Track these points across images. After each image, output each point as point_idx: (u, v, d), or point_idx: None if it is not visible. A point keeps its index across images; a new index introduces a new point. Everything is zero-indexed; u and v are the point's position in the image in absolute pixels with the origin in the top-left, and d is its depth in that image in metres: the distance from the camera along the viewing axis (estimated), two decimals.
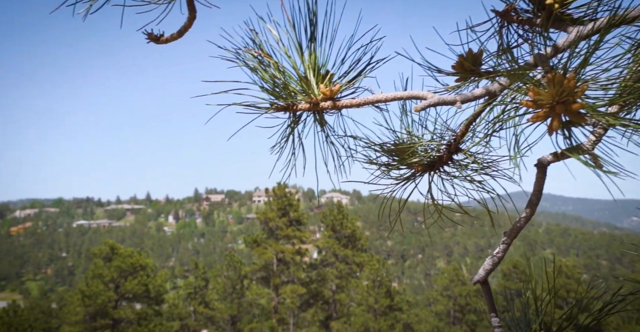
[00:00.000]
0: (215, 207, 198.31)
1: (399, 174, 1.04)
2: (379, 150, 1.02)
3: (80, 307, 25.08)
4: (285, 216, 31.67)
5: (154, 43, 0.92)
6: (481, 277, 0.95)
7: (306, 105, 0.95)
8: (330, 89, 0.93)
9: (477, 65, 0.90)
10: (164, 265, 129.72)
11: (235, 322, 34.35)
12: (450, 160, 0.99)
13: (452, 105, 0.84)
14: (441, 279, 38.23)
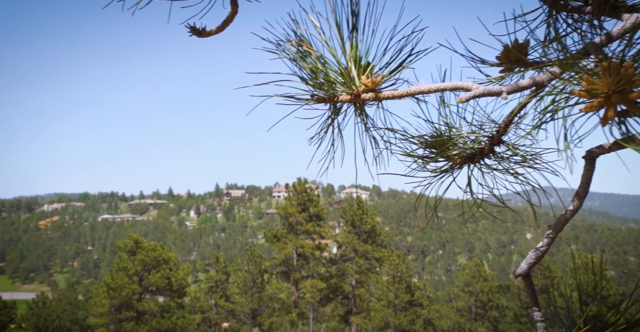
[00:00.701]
0: (236, 202, 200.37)
1: (435, 167, 1.03)
2: (416, 142, 1.01)
3: (105, 299, 25.71)
4: (305, 211, 31.77)
5: (197, 36, 0.93)
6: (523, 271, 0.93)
7: (347, 97, 0.94)
8: (372, 80, 0.92)
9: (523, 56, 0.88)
10: (186, 259, 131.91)
11: (255, 316, 34.74)
12: (491, 152, 0.97)
13: (497, 96, 0.82)
14: (462, 275, 37.85)
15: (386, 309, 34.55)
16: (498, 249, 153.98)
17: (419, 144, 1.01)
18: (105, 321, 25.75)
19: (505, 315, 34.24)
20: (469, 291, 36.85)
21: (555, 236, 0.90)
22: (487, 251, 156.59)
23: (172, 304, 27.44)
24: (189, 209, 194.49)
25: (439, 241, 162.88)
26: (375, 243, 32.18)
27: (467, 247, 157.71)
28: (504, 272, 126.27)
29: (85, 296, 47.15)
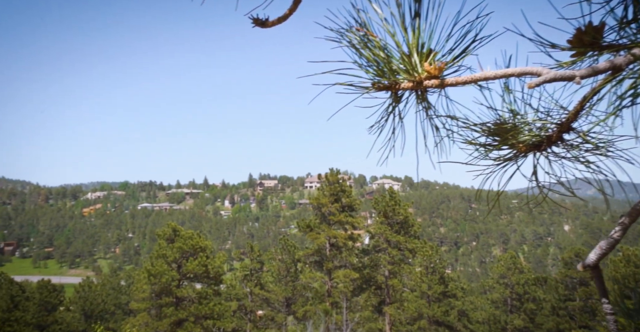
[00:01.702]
0: (269, 193, 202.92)
1: (498, 155, 1.00)
2: (478, 130, 0.98)
3: (146, 285, 26.65)
4: (338, 201, 31.83)
5: (260, 27, 0.93)
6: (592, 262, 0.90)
7: (409, 84, 0.93)
8: (435, 67, 0.91)
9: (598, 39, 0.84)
10: (221, 247, 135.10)
11: (289, 304, 35.28)
12: (559, 140, 0.94)
13: (569, 81, 0.79)
14: (497, 266, 37.15)
15: (419, 299, 34.38)
16: (534, 241, 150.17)
17: (482, 131, 0.98)
18: (147, 305, 26.73)
19: (542, 307, 33.45)
20: (504, 283, 36.19)
21: (629, 225, 0.86)
22: (522, 242, 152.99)
23: (209, 291, 28.17)
24: (223, 198, 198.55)
25: (472, 232, 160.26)
26: (408, 234, 31.95)
27: (501, 239, 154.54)
28: (541, 265, 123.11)
29: (127, 282, 49.09)
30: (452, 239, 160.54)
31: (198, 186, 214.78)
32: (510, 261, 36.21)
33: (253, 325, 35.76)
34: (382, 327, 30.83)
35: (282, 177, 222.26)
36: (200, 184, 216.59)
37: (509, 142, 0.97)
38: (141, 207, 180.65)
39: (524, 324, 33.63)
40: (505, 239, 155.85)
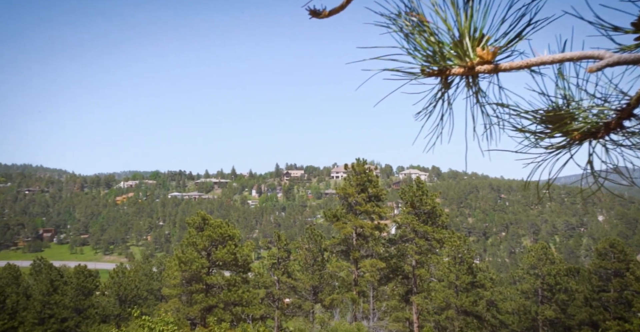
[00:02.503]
0: (295, 182, 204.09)
1: (550, 143, 0.97)
2: (530, 117, 0.95)
3: (177, 271, 27.38)
4: (364, 191, 31.74)
5: (316, 18, 0.93)
6: None
7: (460, 70, 0.90)
8: (488, 51, 0.88)
9: None
10: (249, 236, 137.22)
11: (316, 293, 35.62)
12: (619, 126, 0.90)
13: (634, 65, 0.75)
14: (528, 257, 36.48)
15: (447, 289, 34.16)
16: (566, 232, 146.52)
17: (533, 119, 0.95)
18: (178, 292, 27.47)
19: (574, 298, 32.75)
20: (534, 274, 35.56)
21: None
22: (554, 233, 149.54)
23: (237, 278, 28.71)
24: (250, 188, 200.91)
25: (502, 222, 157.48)
26: (435, 224, 31.64)
27: (532, 229, 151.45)
28: (573, 255, 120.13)
29: (159, 268, 50.48)
30: (481, 230, 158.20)
31: (226, 176, 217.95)
32: (541, 251, 35.49)
33: (281, 312, 36.33)
34: (410, 317, 30.80)
35: (309, 167, 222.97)
36: (228, 174, 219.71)
37: (562, 130, 0.93)
38: (171, 196, 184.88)
39: (555, 315, 33.02)
40: (536, 229, 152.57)
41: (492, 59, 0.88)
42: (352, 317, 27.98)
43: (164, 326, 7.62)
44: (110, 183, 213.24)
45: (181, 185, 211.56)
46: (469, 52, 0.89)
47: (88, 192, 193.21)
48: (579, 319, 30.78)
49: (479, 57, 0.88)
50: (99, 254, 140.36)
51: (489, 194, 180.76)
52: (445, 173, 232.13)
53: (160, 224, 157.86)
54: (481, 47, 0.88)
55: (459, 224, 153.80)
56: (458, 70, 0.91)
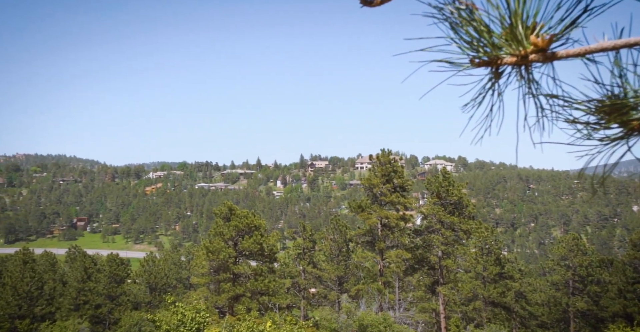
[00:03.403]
0: (320, 173, 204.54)
1: (604, 135, 0.93)
2: (583, 108, 0.91)
3: (205, 261, 27.93)
4: (389, 182, 31.54)
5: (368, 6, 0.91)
6: None
7: (512, 59, 0.87)
8: (543, 39, 0.84)
9: None
10: (274, 227, 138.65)
11: (342, 283, 35.82)
12: None
13: None
14: (558, 248, 35.64)
15: (474, 280, 33.82)
16: (599, 223, 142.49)
17: (587, 109, 0.91)
18: (206, 281, 28.05)
19: (607, 290, 31.90)
20: (565, 265, 34.78)
21: None
22: (585, 224, 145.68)
23: (264, 268, 29.08)
24: (275, 179, 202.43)
25: (530, 213, 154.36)
26: (462, 215, 31.22)
27: (562, 220, 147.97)
28: (606, 247, 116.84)
29: (187, 257, 51.69)
30: (509, 220, 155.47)
31: (251, 167, 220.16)
32: (572, 242, 34.64)
33: (307, 302, 36.72)
34: (436, 307, 30.65)
35: (333, 158, 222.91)
36: (254, 165, 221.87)
37: (619, 120, 0.89)
38: (198, 186, 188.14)
39: (587, 306, 32.30)
40: (567, 220, 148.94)
41: (547, 47, 0.84)
42: (378, 308, 28.03)
43: (196, 313, 7.81)
44: (139, 174, 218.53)
45: (208, 176, 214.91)
46: (522, 40, 0.85)
47: (119, 183, 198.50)
48: (613, 311, 30.00)
49: (533, 45, 0.84)
50: (129, 243, 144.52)
51: (517, 185, 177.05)
52: (472, 163, 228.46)
53: (188, 214, 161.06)
54: (535, 35, 0.85)
55: (486, 215, 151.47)
56: (510, 59, 0.87)
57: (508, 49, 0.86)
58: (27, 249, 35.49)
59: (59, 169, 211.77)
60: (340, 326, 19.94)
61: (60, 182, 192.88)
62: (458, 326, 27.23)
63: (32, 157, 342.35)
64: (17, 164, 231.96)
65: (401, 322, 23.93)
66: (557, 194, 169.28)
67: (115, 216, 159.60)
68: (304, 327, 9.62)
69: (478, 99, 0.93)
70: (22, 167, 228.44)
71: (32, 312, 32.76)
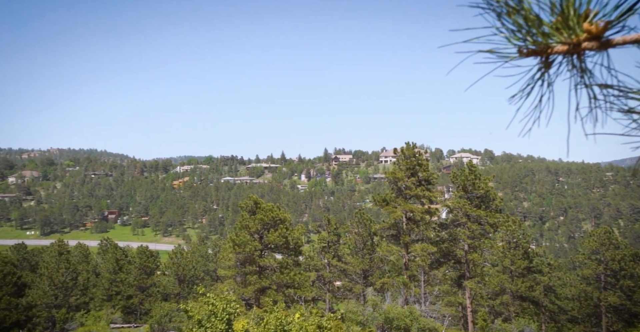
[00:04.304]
0: (344, 167, 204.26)
1: None
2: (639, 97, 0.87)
3: (232, 253, 28.35)
4: (414, 175, 31.25)
5: None
6: None
7: (564, 47, 0.84)
8: (597, 26, 0.81)
9: None
10: (298, 220, 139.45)
11: (367, 276, 35.82)
12: None
13: None
14: (589, 242, 34.66)
15: (502, 274, 33.28)
16: (632, 216, 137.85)
17: None
18: (233, 273, 28.48)
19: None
20: (597, 259, 33.84)
21: None
22: (617, 217, 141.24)
23: (289, 261, 29.34)
24: (300, 172, 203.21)
25: (560, 206, 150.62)
26: (488, 208, 30.71)
27: (593, 213, 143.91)
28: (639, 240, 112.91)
29: (214, 250, 52.51)
30: (537, 214, 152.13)
31: (276, 161, 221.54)
32: (604, 235, 33.64)
33: (332, 295, 36.90)
34: (463, 301, 30.36)
35: (357, 152, 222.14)
36: (278, 159, 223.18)
37: None
38: (224, 180, 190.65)
39: (620, 301, 31.41)
40: (598, 213, 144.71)
41: (601, 34, 0.81)
42: (403, 301, 27.95)
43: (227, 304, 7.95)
44: (167, 167, 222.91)
45: (233, 170, 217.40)
46: (575, 27, 0.82)
47: (147, 176, 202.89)
48: None
49: (586, 32, 0.81)
50: (158, 236, 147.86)
51: (545, 177, 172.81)
52: (499, 156, 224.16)
53: (214, 207, 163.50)
54: (588, 22, 0.82)
55: (514, 209, 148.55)
56: (561, 48, 0.84)
57: (559, 38, 0.83)
58: (61, 240, 36.76)
59: (90, 163, 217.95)
60: (366, 319, 19.98)
61: (92, 175, 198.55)
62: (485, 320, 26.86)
63: (65, 151, 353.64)
64: (51, 158, 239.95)
65: (427, 315, 23.80)
66: (588, 186, 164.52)
67: (144, 209, 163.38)
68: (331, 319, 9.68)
69: (526, 90, 0.90)
70: (56, 161, 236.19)
71: (68, 302, 33.98)
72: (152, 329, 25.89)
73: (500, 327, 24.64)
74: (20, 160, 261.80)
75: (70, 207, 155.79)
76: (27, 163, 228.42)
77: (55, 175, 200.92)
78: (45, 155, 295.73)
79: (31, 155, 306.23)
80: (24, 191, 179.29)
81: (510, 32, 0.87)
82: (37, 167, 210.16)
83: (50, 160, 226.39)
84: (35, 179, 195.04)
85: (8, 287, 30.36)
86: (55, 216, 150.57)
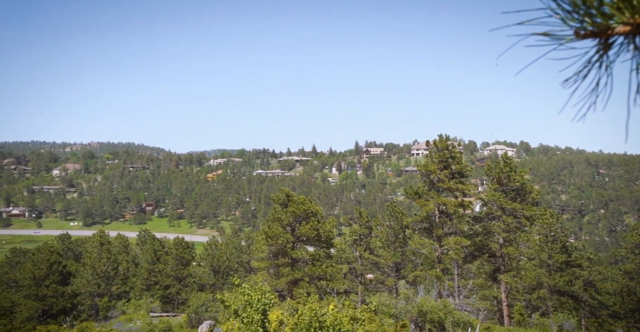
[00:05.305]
0: (375, 160, 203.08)
1: None
2: None
3: (264, 246, 28.77)
4: (447, 168, 30.72)
5: None
6: None
7: (625, 28, 0.81)
8: None
9: None
10: (330, 213, 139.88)
11: (399, 269, 35.65)
12: None
13: None
14: (632, 235, 33.30)
15: (538, 268, 32.45)
16: None
17: None
18: (266, 265, 28.91)
19: None
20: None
21: None
22: None
23: (321, 253, 29.50)
24: (331, 165, 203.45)
25: (600, 199, 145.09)
26: (524, 201, 29.88)
27: (636, 207, 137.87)
28: None
29: (247, 242, 53.41)
30: (576, 207, 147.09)
31: (307, 154, 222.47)
32: None
33: (364, 287, 36.95)
34: (498, 295, 29.81)
35: (388, 145, 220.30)
36: (309, 152, 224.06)
37: None
38: (256, 173, 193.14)
39: None
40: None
41: None
42: (437, 294, 27.69)
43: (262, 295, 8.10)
44: (201, 161, 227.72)
45: (265, 163, 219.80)
46: (638, 7, 0.79)
47: (182, 169, 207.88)
48: None
49: None
50: (193, 227, 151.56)
51: (585, 170, 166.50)
52: (535, 148, 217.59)
53: (247, 200, 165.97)
54: None
55: (551, 202, 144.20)
56: (622, 28, 0.81)
57: (621, 18, 0.81)
58: (102, 231, 38.24)
59: (128, 156, 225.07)
60: (399, 312, 19.91)
61: (130, 168, 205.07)
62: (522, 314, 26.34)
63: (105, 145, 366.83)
64: (92, 152, 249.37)
65: (461, 309, 23.50)
66: (631, 179, 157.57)
67: (179, 201, 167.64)
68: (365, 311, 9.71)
69: (582, 73, 0.88)
70: (96, 154, 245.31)
71: (110, 291, 35.40)
72: (190, 318, 26.66)
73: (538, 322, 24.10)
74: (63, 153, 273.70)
75: (110, 199, 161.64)
76: (70, 156, 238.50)
77: (96, 168, 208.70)
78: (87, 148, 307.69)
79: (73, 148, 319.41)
80: (67, 183, 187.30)
81: (566, 14, 0.84)
82: (79, 160, 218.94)
83: (91, 154, 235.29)
84: (77, 172, 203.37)
85: (55, 275, 31.88)
86: (97, 207, 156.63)
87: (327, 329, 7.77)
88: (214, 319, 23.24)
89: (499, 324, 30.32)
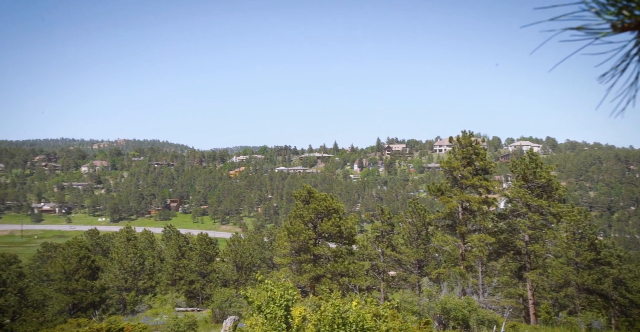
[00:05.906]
0: (397, 157, 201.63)
1: None
2: None
3: (287, 242, 28.95)
4: (471, 164, 30.29)
5: None
6: None
7: None
8: None
9: None
10: (351, 210, 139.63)
11: (421, 266, 35.35)
12: None
13: None
14: None
15: (566, 266, 31.73)
16: None
17: None
18: (288, 261, 29.11)
19: None
20: None
21: None
22: None
23: (343, 250, 29.53)
24: (352, 162, 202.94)
25: (630, 196, 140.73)
26: (551, 198, 29.24)
27: None
28: None
29: (269, 238, 53.84)
30: (605, 204, 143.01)
31: (328, 150, 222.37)
32: None
33: (386, 284, 36.79)
34: (523, 293, 29.29)
35: (410, 141, 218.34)
36: (331, 149, 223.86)
37: None
38: (278, 170, 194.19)
39: None
40: None
41: None
42: (460, 292, 27.40)
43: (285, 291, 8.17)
44: (224, 157, 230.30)
45: (287, 159, 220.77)
46: None
47: (206, 166, 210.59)
48: None
49: None
50: (216, 224, 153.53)
51: (614, 166, 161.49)
52: (562, 144, 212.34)
53: (269, 196, 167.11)
54: None
55: (579, 198, 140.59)
56: None
57: None
58: (129, 227, 39.14)
59: (153, 153, 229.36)
60: (422, 309, 19.79)
61: (155, 165, 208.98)
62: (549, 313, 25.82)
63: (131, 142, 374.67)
64: (118, 149, 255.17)
65: (486, 307, 23.19)
66: None
67: (203, 197, 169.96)
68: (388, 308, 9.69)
69: (620, 67, 0.86)
70: (122, 151, 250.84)
71: (136, 285, 36.23)
72: (214, 313, 27.08)
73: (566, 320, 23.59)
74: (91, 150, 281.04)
75: (136, 195, 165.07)
76: (98, 153, 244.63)
77: (122, 165, 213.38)
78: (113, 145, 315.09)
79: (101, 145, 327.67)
80: (95, 179, 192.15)
81: (601, 7, 0.82)
82: (106, 157, 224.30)
83: (118, 151, 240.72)
84: (104, 169, 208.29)
85: (84, 270, 32.80)
86: (123, 203, 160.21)
87: (350, 325, 7.80)
88: (238, 315, 23.53)
89: (525, 323, 29.81)
